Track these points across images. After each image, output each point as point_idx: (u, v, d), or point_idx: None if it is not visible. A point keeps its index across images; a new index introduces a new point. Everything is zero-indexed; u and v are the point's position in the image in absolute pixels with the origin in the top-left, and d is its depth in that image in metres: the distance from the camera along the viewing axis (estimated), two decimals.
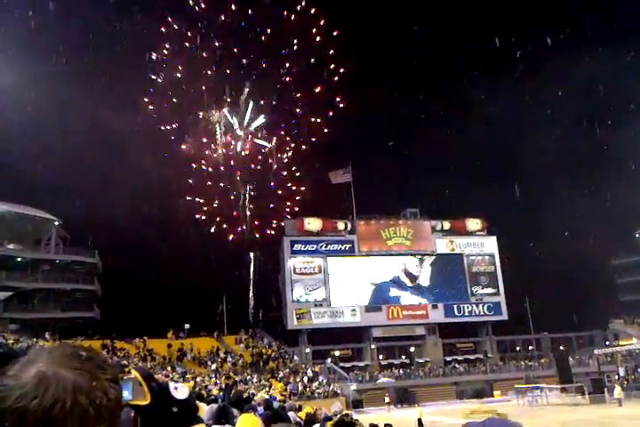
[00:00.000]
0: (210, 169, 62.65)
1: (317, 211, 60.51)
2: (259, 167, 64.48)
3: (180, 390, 1.39)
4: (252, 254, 61.30)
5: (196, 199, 61.50)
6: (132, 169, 59.65)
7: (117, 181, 59.04)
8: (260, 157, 64.53)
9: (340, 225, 60.39)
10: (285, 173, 64.11)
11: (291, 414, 9.16)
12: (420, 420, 29.69)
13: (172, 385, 1.42)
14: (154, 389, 1.38)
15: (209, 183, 62.51)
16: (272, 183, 63.75)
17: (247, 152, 64.05)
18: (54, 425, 0.84)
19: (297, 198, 64.06)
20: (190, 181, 62.38)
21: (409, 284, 60.84)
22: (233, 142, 63.49)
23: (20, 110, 51.72)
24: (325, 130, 64.44)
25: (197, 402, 1.43)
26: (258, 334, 54.61)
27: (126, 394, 1.38)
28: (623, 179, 64.25)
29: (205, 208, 61.93)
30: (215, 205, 62.14)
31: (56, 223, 51.77)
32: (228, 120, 62.73)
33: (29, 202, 50.38)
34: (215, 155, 62.82)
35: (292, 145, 65.23)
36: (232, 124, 62.74)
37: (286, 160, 64.88)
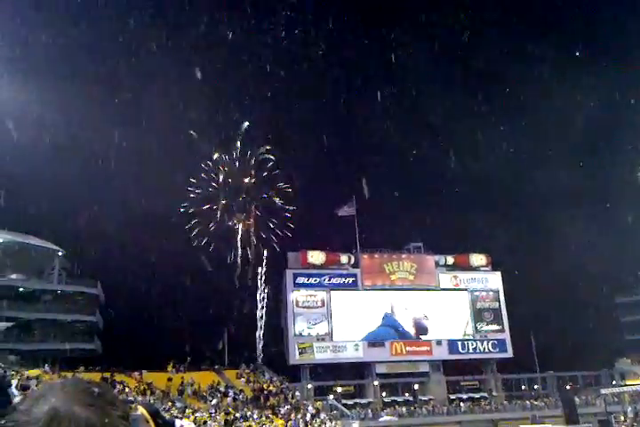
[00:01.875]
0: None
1: (321, 244, 60.53)
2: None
3: None
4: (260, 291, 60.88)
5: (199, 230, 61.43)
6: (137, 202, 60.01)
7: (122, 213, 59.24)
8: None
9: (344, 258, 60.20)
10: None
11: None
12: None
13: (178, 423, 1.41)
14: (160, 426, 1.36)
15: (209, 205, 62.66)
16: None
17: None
18: None
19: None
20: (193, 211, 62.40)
21: (412, 333, 60.17)
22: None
23: (26, 140, 52.28)
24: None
25: None
26: (259, 369, 53.87)
27: None
28: (629, 215, 64.12)
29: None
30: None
31: (59, 253, 51.77)
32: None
33: (33, 232, 50.60)
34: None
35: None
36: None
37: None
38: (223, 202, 63.16)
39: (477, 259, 63.96)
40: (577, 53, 75.54)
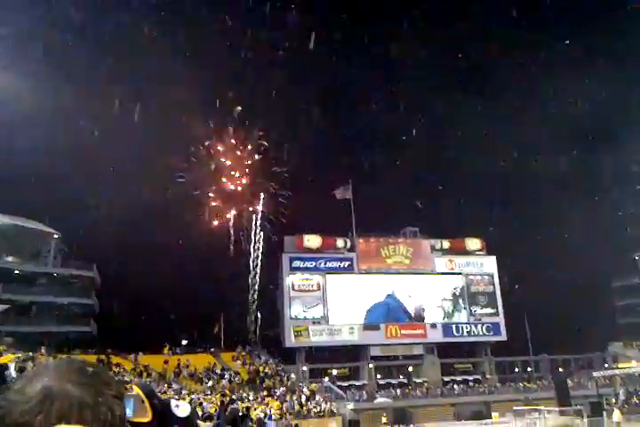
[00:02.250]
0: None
1: (317, 228, 60.58)
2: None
3: (182, 408, 1.38)
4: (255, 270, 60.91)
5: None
6: (133, 184, 59.85)
7: (118, 195, 59.05)
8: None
9: (340, 242, 60.34)
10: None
11: None
12: None
13: (173, 403, 1.40)
14: (156, 406, 1.36)
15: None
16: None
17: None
18: None
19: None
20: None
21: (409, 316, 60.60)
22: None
23: (20, 122, 51.93)
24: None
25: (199, 421, 1.41)
26: (255, 352, 54.20)
27: (128, 411, 1.36)
28: (624, 200, 64.32)
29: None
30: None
31: (55, 236, 51.71)
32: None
33: (29, 215, 50.45)
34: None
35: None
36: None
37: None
38: (217, 186, 62.96)
39: (473, 243, 64.21)
40: (567, 42, 75.24)
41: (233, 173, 63.43)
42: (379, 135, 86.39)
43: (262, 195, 62.95)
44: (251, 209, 62.85)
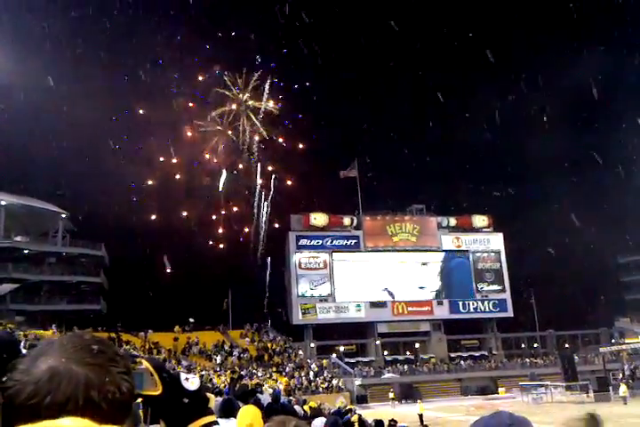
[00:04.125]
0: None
1: (323, 206, 60.58)
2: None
3: (192, 381, 1.37)
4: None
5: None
6: (142, 163, 59.82)
7: (126, 175, 59.05)
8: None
9: (346, 220, 60.38)
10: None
11: (297, 407, 9.18)
12: (420, 415, 29.73)
13: (183, 376, 1.40)
14: (165, 379, 1.35)
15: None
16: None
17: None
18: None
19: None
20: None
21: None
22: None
23: (29, 102, 51.73)
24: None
25: (208, 394, 1.40)
26: (263, 329, 54.72)
27: (138, 385, 1.36)
28: (632, 176, 63.87)
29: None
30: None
31: (63, 216, 51.94)
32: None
33: (37, 195, 50.63)
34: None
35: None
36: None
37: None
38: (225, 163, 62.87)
39: (479, 220, 64.07)
40: (575, 16, 74.05)
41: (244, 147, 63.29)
42: (385, 113, 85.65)
43: (273, 176, 62.90)
44: (259, 186, 62.82)
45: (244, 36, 67.98)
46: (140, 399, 1.39)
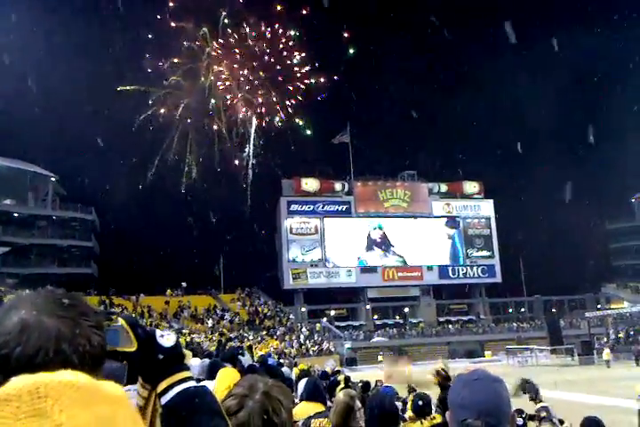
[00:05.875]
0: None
1: (315, 171, 60.32)
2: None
3: (167, 338, 1.35)
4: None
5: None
6: (130, 126, 59.00)
7: (115, 138, 58.38)
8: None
9: (338, 186, 60.32)
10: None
11: (286, 369, 9.30)
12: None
13: (158, 333, 1.38)
14: (140, 336, 1.33)
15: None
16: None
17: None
18: (37, 372, 0.80)
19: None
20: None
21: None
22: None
23: (14, 66, 50.71)
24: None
25: (185, 351, 1.38)
26: (254, 293, 55.13)
27: (113, 342, 1.34)
28: (620, 144, 63.90)
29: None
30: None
31: (52, 179, 51.57)
32: None
33: (25, 158, 50.11)
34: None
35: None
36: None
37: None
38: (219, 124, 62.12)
39: (470, 186, 64.21)
40: None
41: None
42: (377, 78, 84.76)
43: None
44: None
45: None
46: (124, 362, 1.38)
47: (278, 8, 61.91)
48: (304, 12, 62.60)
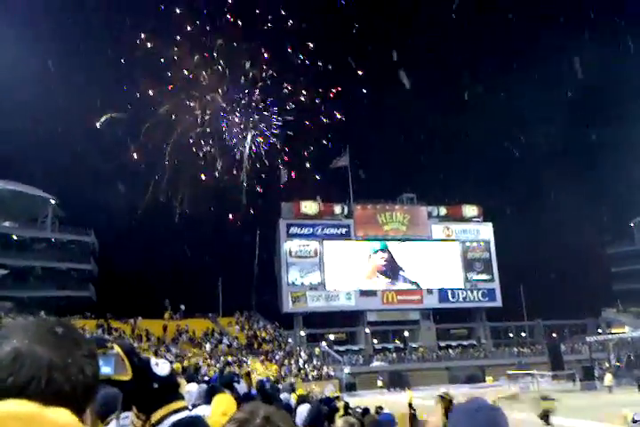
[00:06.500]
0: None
1: (314, 194, 60.40)
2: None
3: (162, 367, 1.33)
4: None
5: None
6: (130, 149, 59.24)
7: (115, 161, 58.67)
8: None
9: (337, 209, 60.36)
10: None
11: (284, 395, 9.16)
12: (410, 404, 29.83)
13: (153, 361, 1.36)
14: (135, 364, 1.31)
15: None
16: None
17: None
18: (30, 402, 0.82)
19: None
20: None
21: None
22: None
23: (15, 89, 51.13)
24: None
25: (179, 379, 1.36)
26: (253, 317, 54.74)
27: (109, 370, 1.31)
28: (620, 169, 64.23)
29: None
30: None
31: (52, 202, 51.61)
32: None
33: (26, 180, 50.22)
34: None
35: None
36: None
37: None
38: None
39: (470, 210, 64.25)
40: None
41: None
42: (377, 102, 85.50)
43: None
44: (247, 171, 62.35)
45: None
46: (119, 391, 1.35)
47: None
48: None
